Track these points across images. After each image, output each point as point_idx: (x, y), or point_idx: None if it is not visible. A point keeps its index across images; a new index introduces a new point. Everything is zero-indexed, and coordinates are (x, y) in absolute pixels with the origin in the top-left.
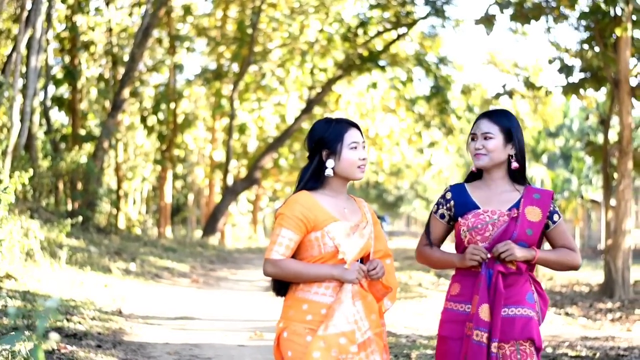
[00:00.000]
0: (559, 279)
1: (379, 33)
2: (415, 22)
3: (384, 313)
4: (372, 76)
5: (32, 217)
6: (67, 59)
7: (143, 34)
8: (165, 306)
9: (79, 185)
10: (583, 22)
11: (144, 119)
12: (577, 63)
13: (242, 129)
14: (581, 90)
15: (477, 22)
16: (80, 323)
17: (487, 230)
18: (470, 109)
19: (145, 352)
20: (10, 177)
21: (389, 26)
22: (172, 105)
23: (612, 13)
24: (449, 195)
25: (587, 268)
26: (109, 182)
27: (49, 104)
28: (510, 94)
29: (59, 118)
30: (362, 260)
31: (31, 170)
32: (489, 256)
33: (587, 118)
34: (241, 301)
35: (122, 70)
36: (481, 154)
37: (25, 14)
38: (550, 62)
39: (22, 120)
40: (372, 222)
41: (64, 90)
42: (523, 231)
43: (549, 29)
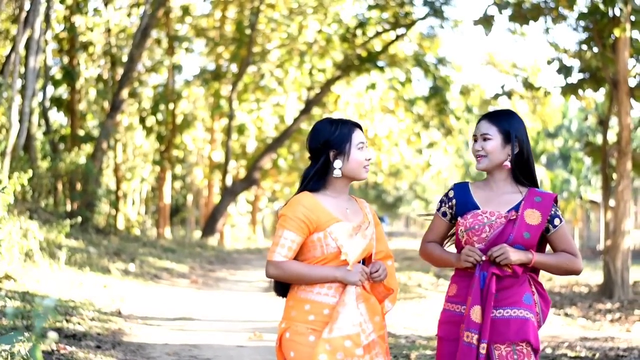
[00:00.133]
0: (559, 279)
1: (378, 34)
2: (414, 23)
3: (385, 315)
4: (370, 77)
5: (31, 218)
6: (66, 59)
7: (142, 34)
8: (165, 307)
9: (78, 186)
10: (582, 23)
11: (142, 120)
12: (576, 64)
13: (241, 129)
14: (580, 91)
15: (476, 22)
16: (79, 324)
17: (484, 232)
18: (469, 110)
19: (145, 352)
20: (9, 178)
21: (388, 27)
22: (171, 106)
23: (610, 14)
24: (451, 193)
25: (587, 269)
26: (108, 182)
27: (47, 104)
28: (509, 95)
29: (58, 119)
30: (364, 262)
31: (30, 171)
32: (483, 258)
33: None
34: (240, 302)
35: (120, 71)
36: (481, 155)
37: (24, 14)
38: (549, 62)
39: (20, 121)
40: (374, 223)
41: (63, 91)
42: (520, 234)
43: (547, 30)
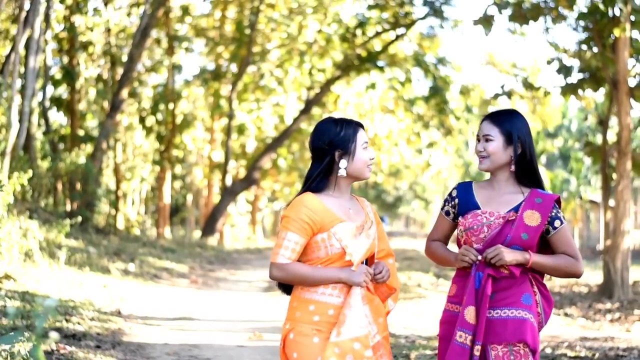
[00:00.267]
0: (558, 279)
1: (378, 33)
2: (413, 23)
3: (388, 314)
4: (370, 77)
5: (31, 218)
6: (66, 59)
7: (141, 34)
8: (164, 307)
9: (78, 186)
10: (581, 23)
11: (142, 120)
12: (576, 63)
13: (241, 129)
14: (580, 91)
15: (476, 22)
16: (79, 323)
17: (482, 232)
18: (469, 110)
19: (144, 352)
20: (9, 178)
21: (388, 27)
22: (171, 106)
23: (610, 13)
24: (454, 192)
25: (586, 269)
26: (108, 182)
27: (47, 104)
28: (509, 95)
29: (58, 119)
30: (367, 261)
31: (30, 171)
32: (479, 258)
33: (586, 119)
34: (240, 302)
35: (120, 71)
36: (483, 156)
37: (24, 14)
38: (549, 62)
39: (20, 121)
40: (375, 222)
41: (63, 91)
42: (518, 235)
43: (547, 30)
